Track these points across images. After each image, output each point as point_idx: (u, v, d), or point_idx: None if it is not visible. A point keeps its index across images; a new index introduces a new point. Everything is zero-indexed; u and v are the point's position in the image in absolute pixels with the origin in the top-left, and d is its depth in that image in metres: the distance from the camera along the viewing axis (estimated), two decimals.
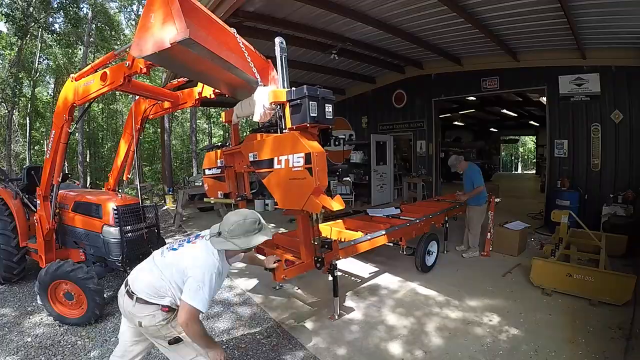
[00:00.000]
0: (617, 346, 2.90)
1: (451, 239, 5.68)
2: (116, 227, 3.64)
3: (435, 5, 5.23)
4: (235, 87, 2.82)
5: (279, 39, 2.71)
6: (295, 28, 6.02)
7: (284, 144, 2.61)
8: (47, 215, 3.79)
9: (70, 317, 3.41)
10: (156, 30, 1.93)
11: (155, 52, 1.94)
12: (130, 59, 2.67)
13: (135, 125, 4.23)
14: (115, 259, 3.66)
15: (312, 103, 2.52)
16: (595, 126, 6.67)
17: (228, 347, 3.03)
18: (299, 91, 2.54)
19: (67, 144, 3.60)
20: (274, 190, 2.80)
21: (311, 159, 2.41)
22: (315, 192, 2.47)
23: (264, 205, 9.76)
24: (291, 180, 2.56)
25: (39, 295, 3.46)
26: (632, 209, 5.79)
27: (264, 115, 2.65)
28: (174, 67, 2.31)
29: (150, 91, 3.73)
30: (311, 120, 2.53)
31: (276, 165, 2.65)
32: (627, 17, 5.08)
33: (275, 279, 2.91)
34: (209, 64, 2.30)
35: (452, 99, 10.11)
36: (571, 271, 3.86)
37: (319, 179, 2.43)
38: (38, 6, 12.97)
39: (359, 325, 3.35)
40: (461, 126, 19.84)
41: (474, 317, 3.47)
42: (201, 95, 3.70)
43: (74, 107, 3.41)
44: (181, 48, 1.91)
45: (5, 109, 14.40)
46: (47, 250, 3.91)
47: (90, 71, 3.25)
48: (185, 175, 17.52)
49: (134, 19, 21.44)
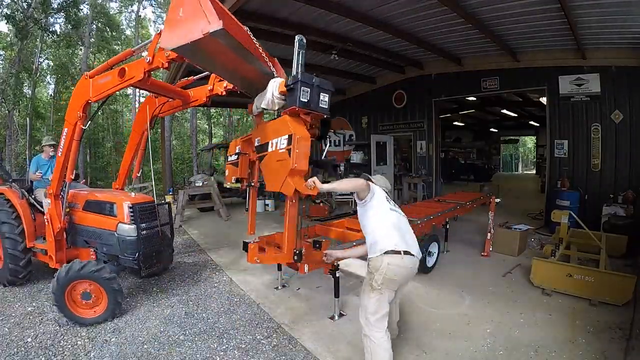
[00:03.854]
0: (617, 346, 2.90)
1: (451, 240, 5.68)
2: (132, 224, 3.66)
3: (435, 5, 5.23)
4: (250, 81, 2.88)
5: (298, 37, 2.77)
6: (296, 28, 6.02)
7: (277, 127, 2.67)
8: (58, 214, 3.76)
9: (85, 317, 3.40)
10: (187, 23, 2.00)
11: (186, 42, 1.99)
12: (151, 55, 2.71)
13: (145, 124, 4.32)
14: (129, 257, 3.67)
15: (305, 89, 2.53)
16: (595, 126, 6.68)
17: (228, 347, 3.03)
18: (294, 77, 2.57)
19: (80, 141, 3.61)
20: (264, 173, 2.87)
21: (292, 140, 2.43)
22: (291, 173, 2.48)
23: (264, 205, 9.76)
24: (277, 162, 2.60)
25: (54, 294, 3.33)
26: (632, 209, 5.79)
27: (271, 104, 2.70)
28: (199, 59, 2.41)
29: (164, 88, 3.76)
30: (300, 105, 2.52)
31: (270, 148, 2.70)
32: (627, 17, 5.08)
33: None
34: (232, 56, 2.33)
35: (452, 99, 10.12)
36: (571, 271, 3.86)
37: (296, 162, 2.43)
38: (39, 7, 12.98)
39: (359, 325, 3.34)
40: (461, 126, 19.85)
41: (474, 317, 3.47)
42: (212, 92, 3.75)
43: (88, 104, 3.43)
44: (211, 39, 1.96)
45: (6, 109, 14.39)
46: (57, 250, 3.88)
47: (105, 68, 3.28)
48: (186, 175, 17.51)
49: (134, 20, 21.48)
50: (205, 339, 3.14)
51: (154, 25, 24.95)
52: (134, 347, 3.00)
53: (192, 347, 3.03)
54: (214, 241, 6.59)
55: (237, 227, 7.83)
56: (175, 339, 3.14)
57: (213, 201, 8.80)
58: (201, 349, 3.00)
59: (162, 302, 3.90)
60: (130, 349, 2.98)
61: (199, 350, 2.98)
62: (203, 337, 3.18)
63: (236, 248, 6.05)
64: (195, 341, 3.11)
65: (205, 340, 3.12)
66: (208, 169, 11.67)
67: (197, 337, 3.18)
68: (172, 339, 3.14)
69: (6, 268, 4.13)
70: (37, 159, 4.72)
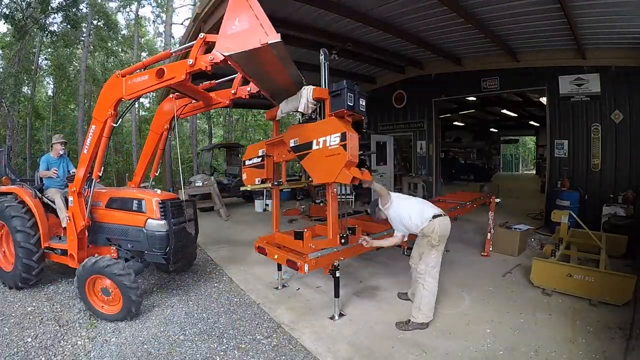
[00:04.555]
0: (617, 346, 2.90)
1: (451, 240, 5.64)
2: (161, 220, 3.70)
3: (435, 5, 5.23)
4: (280, 87, 3.27)
5: (323, 50, 3.37)
6: (296, 28, 6.02)
7: (323, 127, 3.06)
8: (81, 211, 3.74)
9: (107, 313, 3.45)
10: (243, 33, 2.23)
11: (243, 50, 2.22)
12: (194, 57, 2.80)
13: (165, 124, 4.45)
14: (159, 252, 3.71)
15: (350, 94, 3.07)
16: (595, 126, 6.68)
17: (228, 347, 3.03)
18: (340, 84, 3.10)
19: (110, 138, 3.64)
20: (311, 168, 3.21)
21: (346, 137, 2.82)
22: (347, 164, 2.84)
23: (264, 205, 9.76)
24: (327, 157, 2.96)
25: (78, 289, 3.50)
26: (632, 209, 5.79)
27: (306, 108, 3.19)
28: (247, 66, 2.66)
29: (192, 90, 3.83)
30: (347, 108, 3.05)
31: (314, 146, 3.07)
32: (627, 17, 5.08)
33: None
34: (277, 65, 2.62)
35: (452, 99, 10.12)
36: (571, 271, 3.86)
37: (352, 154, 2.82)
38: (37, 7, 12.96)
39: (359, 325, 3.35)
40: (461, 126, 19.86)
41: (474, 317, 3.47)
42: (235, 96, 3.97)
43: (119, 102, 3.47)
44: (267, 49, 2.20)
45: (5, 109, 14.38)
46: (79, 249, 3.86)
47: (139, 67, 3.35)
48: (186, 175, 17.50)
49: (132, 19, 21.45)
50: (205, 339, 3.14)
51: (152, 25, 24.97)
52: (134, 347, 3.00)
53: (192, 347, 3.03)
54: (214, 241, 6.58)
55: (237, 227, 7.83)
56: (175, 339, 3.14)
57: (213, 201, 8.80)
58: (201, 349, 3.00)
59: (162, 302, 3.89)
60: (130, 349, 2.98)
61: (199, 350, 2.98)
62: (203, 337, 3.19)
63: (236, 248, 6.06)
64: (195, 341, 3.11)
65: (205, 340, 3.12)
66: (208, 169, 11.68)
67: (197, 337, 3.18)
68: (172, 339, 3.14)
69: (18, 272, 4.01)
70: (47, 158, 4.63)
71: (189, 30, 6.42)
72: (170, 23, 19.23)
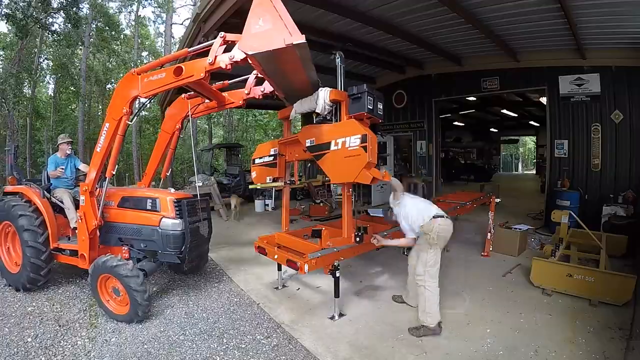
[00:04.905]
0: (617, 346, 2.91)
1: (451, 240, 5.63)
2: (177, 219, 3.67)
3: (435, 5, 5.23)
4: (296, 88, 3.31)
5: (340, 53, 3.50)
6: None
7: (343, 129, 3.11)
8: (93, 211, 3.69)
9: (117, 313, 3.45)
10: (268, 33, 2.24)
11: (268, 49, 2.23)
12: (213, 56, 2.81)
13: (177, 124, 4.47)
14: (173, 251, 3.68)
15: (369, 98, 3.15)
16: (596, 126, 6.68)
17: (228, 347, 3.03)
18: (360, 87, 3.17)
19: (124, 135, 3.61)
20: (329, 168, 3.24)
21: (367, 139, 2.89)
22: (367, 165, 2.90)
23: (264, 205, 9.76)
24: (346, 158, 3.02)
25: (91, 287, 3.55)
26: (632, 209, 5.80)
27: (323, 109, 3.26)
28: (268, 65, 2.69)
29: (209, 90, 3.84)
30: (367, 111, 3.13)
31: (333, 147, 3.12)
32: (627, 17, 5.08)
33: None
34: (297, 65, 2.64)
35: (452, 99, 10.12)
36: (571, 271, 3.86)
37: (372, 156, 2.89)
38: (38, 6, 12.96)
39: (359, 325, 3.35)
40: (461, 126, 19.86)
41: (474, 317, 3.47)
42: (248, 96, 3.98)
43: (135, 100, 3.45)
44: (291, 49, 2.23)
45: (6, 109, 14.37)
46: (91, 249, 3.79)
47: (156, 65, 3.35)
48: (186, 175, 17.52)
49: (133, 19, 21.46)
50: (205, 339, 3.14)
51: (153, 25, 24.98)
52: (134, 347, 3.00)
53: (192, 347, 3.03)
54: (214, 241, 6.51)
55: (237, 227, 7.83)
56: (175, 339, 3.14)
57: (213, 201, 8.80)
58: (201, 349, 3.00)
59: (162, 302, 3.89)
60: (130, 349, 2.98)
61: (199, 350, 2.98)
62: (203, 337, 3.19)
63: (236, 248, 6.06)
64: (195, 341, 3.11)
65: (205, 340, 3.12)
66: (208, 169, 11.68)
67: (197, 337, 3.18)
68: (172, 339, 3.14)
69: (25, 273, 3.93)
70: (55, 158, 4.56)
71: (189, 31, 6.43)
72: (171, 23, 19.27)
